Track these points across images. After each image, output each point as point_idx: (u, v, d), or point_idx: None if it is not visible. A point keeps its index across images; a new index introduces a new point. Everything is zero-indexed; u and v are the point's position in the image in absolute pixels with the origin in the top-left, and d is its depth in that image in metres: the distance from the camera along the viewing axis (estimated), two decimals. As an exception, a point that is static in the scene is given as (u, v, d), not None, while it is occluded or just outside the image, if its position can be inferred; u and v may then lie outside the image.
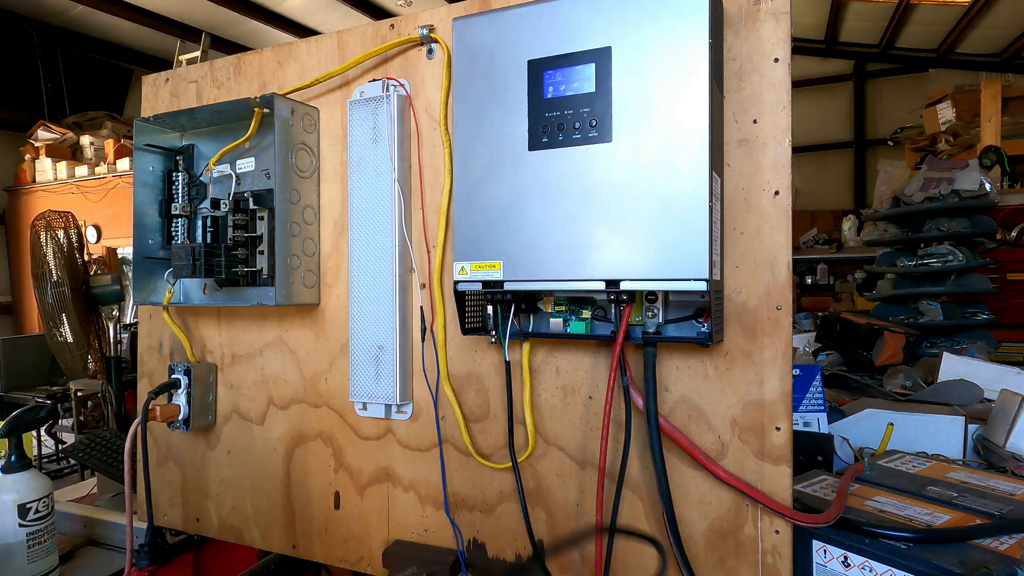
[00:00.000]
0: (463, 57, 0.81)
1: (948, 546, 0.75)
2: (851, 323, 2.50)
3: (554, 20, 0.76)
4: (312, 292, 1.03)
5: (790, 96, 0.77)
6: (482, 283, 0.78)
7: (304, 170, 1.02)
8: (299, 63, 1.08)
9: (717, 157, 0.74)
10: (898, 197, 3.06)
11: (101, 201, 6.33)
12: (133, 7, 6.55)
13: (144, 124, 1.08)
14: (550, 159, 0.75)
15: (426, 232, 0.95)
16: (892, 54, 7.77)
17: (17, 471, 1.11)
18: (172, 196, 1.10)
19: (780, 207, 0.77)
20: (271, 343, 1.10)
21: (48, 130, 6.81)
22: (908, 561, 0.73)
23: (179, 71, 1.21)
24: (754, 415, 0.78)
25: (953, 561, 0.71)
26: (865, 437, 1.32)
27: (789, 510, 0.76)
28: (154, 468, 1.21)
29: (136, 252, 1.08)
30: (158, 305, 1.09)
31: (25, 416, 1.18)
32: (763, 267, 0.77)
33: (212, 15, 6.66)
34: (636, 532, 0.84)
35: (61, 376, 3.88)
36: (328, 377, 1.05)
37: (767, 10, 0.77)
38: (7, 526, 1.08)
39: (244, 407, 1.13)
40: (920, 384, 1.98)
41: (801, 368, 1.35)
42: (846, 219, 6.34)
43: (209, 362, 1.15)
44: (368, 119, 0.96)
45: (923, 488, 0.94)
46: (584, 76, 0.74)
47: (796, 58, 8.26)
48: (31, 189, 6.97)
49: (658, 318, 0.78)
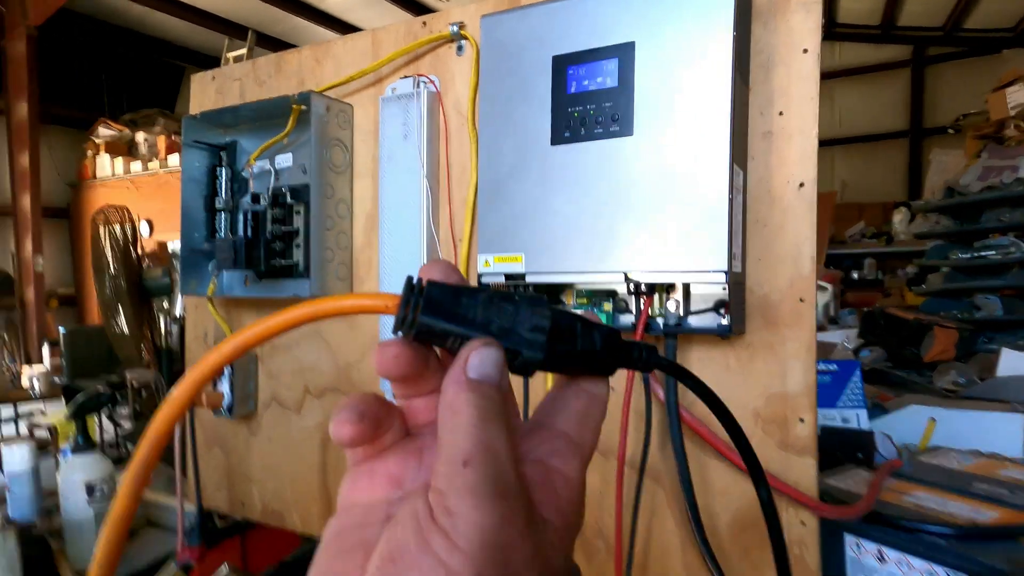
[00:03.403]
0: (490, 53, 0.83)
1: (996, 543, 0.73)
2: (897, 318, 2.44)
3: (579, 16, 0.77)
4: (345, 284, 1.07)
5: (818, 87, 0.76)
6: (504, 275, 0.80)
7: (338, 165, 1.06)
8: (335, 61, 1.11)
9: (740, 150, 0.74)
10: (952, 187, 2.95)
11: (154, 196, 6.59)
12: (186, 6, 6.78)
13: (192, 121, 1.13)
14: (572, 153, 0.77)
15: (453, 226, 0.97)
16: (958, 37, 7.42)
17: (83, 452, 1.19)
18: (216, 191, 1.15)
19: (805, 200, 0.76)
20: (307, 334, 1.14)
21: (107, 127, 7.11)
22: (949, 557, 0.71)
23: (224, 69, 1.26)
24: (777, 407, 0.78)
25: (1001, 559, 0.69)
26: (910, 434, 1.29)
27: (814, 501, 0.76)
28: (202, 453, 1.27)
29: (183, 245, 1.14)
30: (203, 296, 1.14)
31: (88, 401, 1.26)
32: (786, 260, 0.77)
33: (258, 12, 6.85)
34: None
35: (119, 365, 4.07)
36: (360, 367, 1.08)
37: (797, 1, 0.76)
38: (77, 503, 1.16)
39: (282, 395, 1.18)
40: (975, 381, 1.92)
41: (839, 363, 1.33)
42: (897, 211, 6.13)
43: (250, 352, 1.20)
44: (399, 115, 0.99)
45: (969, 485, 0.92)
46: (607, 71, 0.75)
47: (847, 45, 8.02)
48: (92, 184, 7.29)
49: (679, 310, 0.78)
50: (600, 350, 0.28)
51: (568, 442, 0.28)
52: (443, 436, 0.25)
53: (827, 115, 8.18)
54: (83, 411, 1.22)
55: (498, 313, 0.27)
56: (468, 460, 0.23)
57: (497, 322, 0.27)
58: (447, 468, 0.23)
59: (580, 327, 0.28)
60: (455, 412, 0.25)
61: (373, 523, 0.27)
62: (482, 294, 0.27)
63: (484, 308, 0.27)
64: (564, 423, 0.29)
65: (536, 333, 0.27)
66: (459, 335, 0.26)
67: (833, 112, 8.22)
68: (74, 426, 1.21)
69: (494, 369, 0.26)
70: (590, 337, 0.28)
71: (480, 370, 0.25)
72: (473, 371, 0.25)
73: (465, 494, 0.23)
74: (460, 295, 0.27)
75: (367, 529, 0.26)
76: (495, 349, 0.26)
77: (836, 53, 8.17)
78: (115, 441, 4.13)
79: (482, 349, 0.26)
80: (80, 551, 1.17)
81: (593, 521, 0.91)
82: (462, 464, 0.23)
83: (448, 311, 0.26)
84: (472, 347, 0.26)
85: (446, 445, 0.24)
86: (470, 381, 0.25)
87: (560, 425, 0.28)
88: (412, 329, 0.26)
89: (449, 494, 0.23)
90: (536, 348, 0.27)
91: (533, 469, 0.27)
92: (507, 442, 0.25)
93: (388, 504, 0.27)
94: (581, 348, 0.28)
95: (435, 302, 0.26)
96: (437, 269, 0.28)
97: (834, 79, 8.09)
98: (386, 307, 0.27)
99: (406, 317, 0.26)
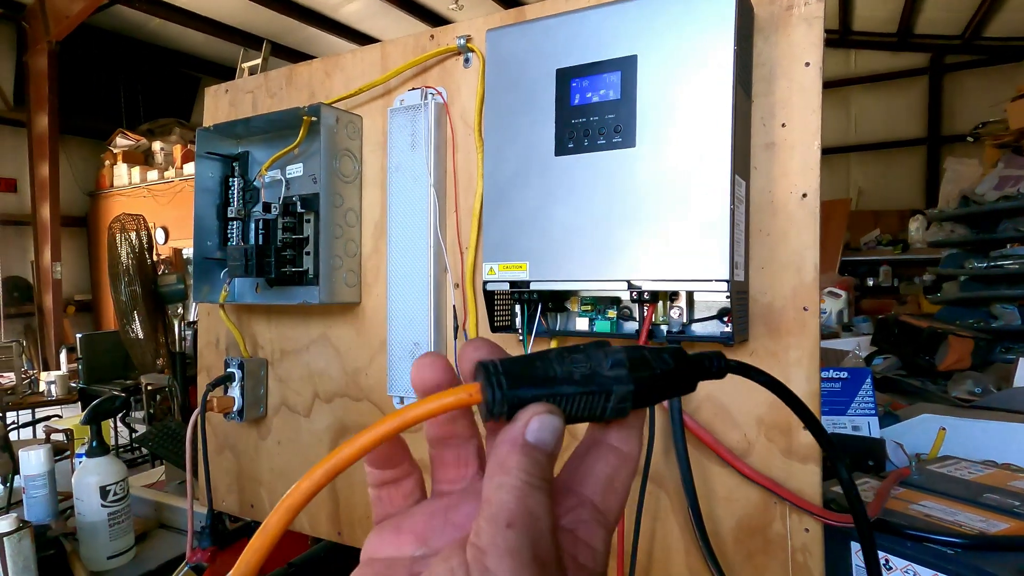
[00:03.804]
0: (495, 66, 0.84)
1: (1005, 554, 0.72)
2: (911, 326, 2.42)
3: (582, 30, 0.78)
4: (353, 291, 1.08)
5: (820, 100, 0.77)
6: (509, 283, 0.81)
7: (347, 175, 1.08)
8: (345, 73, 1.13)
9: (742, 161, 0.75)
10: (967, 196, 2.93)
11: (169, 204, 6.69)
12: (201, 18, 6.90)
13: (205, 133, 1.16)
14: (575, 164, 0.78)
15: (459, 234, 0.99)
16: (977, 45, 7.37)
17: (98, 455, 1.21)
18: (228, 200, 1.17)
19: (808, 209, 0.77)
20: (316, 339, 1.16)
21: (125, 137, 7.24)
22: (956, 567, 0.71)
23: (237, 82, 1.29)
24: (780, 414, 0.78)
25: (1010, 570, 0.68)
26: (922, 443, 1.28)
27: (818, 508, 0.76)
28: (213, 456, 1.29)
29: (196, 253, 1.16)
30: (215, 303, 1.16)
31: (103, 405, 1.29)
32: (789, 268, 0.78)
33: (272, 23, 6.94)
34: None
35: (134, 370, 4.13)
36: (368, 372, 1.10)
37: (799, 15, 0.77)
38: (92, 505, 1.18)
39: (292, 400, 1.19)
40: (991, 391, 1.90)
41: (850, 371, 1.33)
42: (913, 219, 6.09)
43: (260, 357, 1.22)
44: (407, 126, 1.01)
45: (979, 495, 0.91)
46: (610, 84, 0.76)
47: (864, 53, 7.98)
48: (109, 193, 7.43)
49: (682, 318, 0.79)
50: (674, 368, 0.28)
51: (593, 511, 0.28)
52: (489, 493, 0.24)
53: (843, 122, 8.14)
54: (98, 416, 1.24)
55: (573, 364, 0.27)
56: (512, 522, 0.23)
57: (577, 372, 0.27)
58: (490, 527, 0.23)
59: (649, 353, 0.28)
60: (505, 471, 0.24)
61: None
62: (551, 353, 0.27)
63: (559, 364, 0.27)
64: (590, 488, 0.28)
65: (617, 368, 0.27)
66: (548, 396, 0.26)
67: (849, 119, 8.18)
68: (89, 430, 1.23)
69: (552, 437, 0.26)
70: (661, 359, 0.28)
71: (538, 435, 0.25)
72: (531, 435, 0.25)
73: (505, 555, 0.22)
74: (532, 361, 0.27)
75: None
76: (556, 417, 0.26)
77: (852, 61, 8.14)
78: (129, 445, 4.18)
79: (544, 416, 0.26)
80: (93, 552, 1.19)
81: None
82: (506, 525, 0.23)
83: (530, 378, 0.26)
84: (534, 411, 0.26)
85: (492, 503, 0.24)
86: (526, 444, 0.25)
87: (586, 491, 0.28)
88: (505, 406, 0.26)
89: (490, 553, 0.23)
90: (624, 381, 0.27)
91: (563, 537, 0.27)
92: (549, 511, 0.24)
93: (412, 561, 0.28)
94: (660, 370, 0.28)
95: (515, 376, 0.26)
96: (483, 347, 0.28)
97: (850, 86, 8.05)
98: (471, 396, 0.26)
99: (495, 398, 0.26)
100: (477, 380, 0.27)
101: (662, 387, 0.28)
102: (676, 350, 0.29)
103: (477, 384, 0.26)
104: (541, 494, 0.24)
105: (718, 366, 0.30)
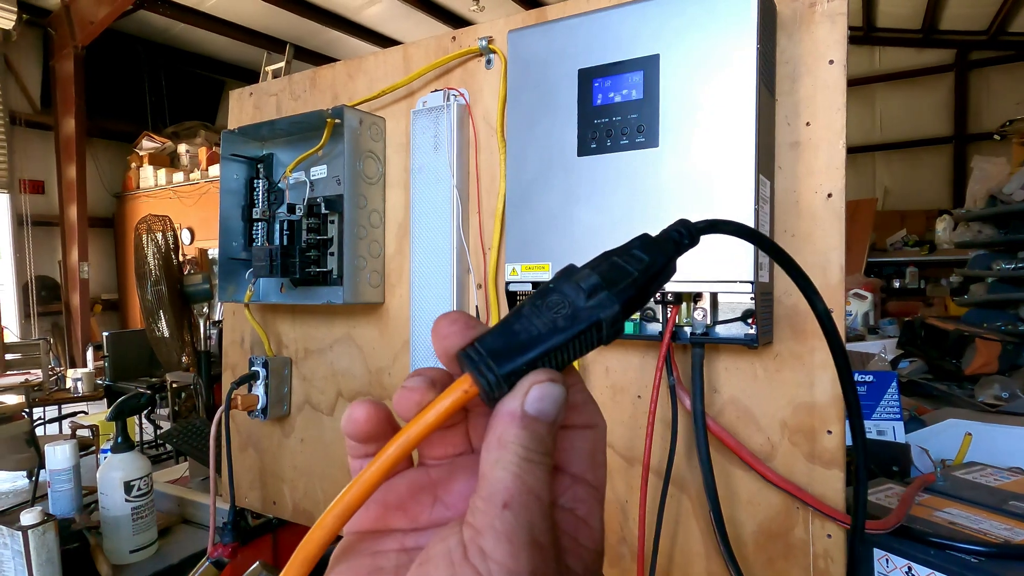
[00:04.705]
0: (517, 67, 0.85)
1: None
2: (937, 329, 2.38)
3: (603, 30, 0.78)
4: (377, 291, 1.09)
5: (845, 98, 0.76)
6: (532, 284, 0.82)
7: (371, 176, 1.08)
8: (368, 75, 1.14)
9: (766, 160, 0.74)
10: (995, 196, 2.87)
11: (195, 205, 6.80)
12: (226, 22, 6.99)
13: (230, 135, 1.18)
14: (598, 164, 0.78)
15: (482, 235, 0.99)
16: (1003, 40, 7.22)
17: (122, 451, 1.23)
18: (253, 201, 1.19)
19: (833, 209, 0.76)
20: (340, 339, 1.17)
21: (151, 140, 7.36)
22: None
23: (261, 85, 1.31)
24: (804, 418, 0.78)
25: None
26: (948, 448, 1.26)
27: (841, 513, 0.75)
28: (236, 453, 1.31)
29: (221, 254, 1.18)
30: (240, 303, 1.18)
31: (128, 403, 1.31)
32: (814, 269, 0.77)
33: (295, 27, 7.01)
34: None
35: (159, 368, 4.19)
36: (391, 372, 1.11)
37: (823, 12, 0.77)
38: (116, 500, 1.21)
39: (315, 399, 1.21)
40: (1018, 395, 1.86)
41: (875, 375, 1.31)
42: (940, 219, 5.97)
43: (285, 356, 1.23)
44: (430, 127, 1.01)
45: (1004, 502, 0.89)
46: (632, 83, 0.76)
47: (888, 49, 7.86)
48: (136, 195, 7.56)
49: (706, 319, 0.78)
50: (650, 260, 0.27)
51: (588, 488, 0.27)
52: (486, 469, 0.23)
53: (868, 120, 8.02)
54: (123, 412, 1.26)
55: (552, 310, 0.25)
56: (508, 502, 0.22)
57: (559, 315, 0.25)
58: (486, 507, 0.23)
59: (619, 258, 0.27)
60: (502, 446, 0.23)
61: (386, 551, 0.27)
62: (524, 308, 0.26)
63: (537, 317, 0.25)
64: (578, 466, 0.27)
65: (597, 293, 0.25)
66: (542, 355, 0.25)
67: (874, 117, 8.06)
68: (114, 426, 1.25)
69: (553, 407, 0.24)
70: (633, 257, 0.27)
71: (538, 405, 0.24)
72: (531, 406, 0.24)
73: (502, 538, 0.22)
74: (510, 326, 0.25)
75: (379, 557, 0.27)
76: (559, 385, 0.24)
77: (876, 57, 8.02)
78: (154, 441, 4.25)
79: (547, 384, 0.24)
80: (116, 545, 1.21)
81: (617, 527, 0.91)
82: (502, 505, 0.22)
83: (516, 346, 0.25)
84: (535, 379, 0.24)
85: (489, 480, 0.23)
86: (525, 416, 0.24)
87: (575, 469, 0.27)
88: (504, 386, 0.24)
89: (486, 535, 0.22)
90: (608, 304, 0.25)
91: (562, 516, 0.26)
92: (548, 488, 0.24)
93: (403, 535, 0.27)
94: (637, 271, 0.26)
95: (500, 351, 0.25)
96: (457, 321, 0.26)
97: (875, 84, 7.93)
98: (466, 392, 0.25)
99: (491, 382, 0.24)
100: (464, 371, 0.25)
101: (646, 286, 0.27)
102: (642, 240, 0.28)
103: (468, 375, 0.25)
104: (540, 470, 0.23)
105: (689, 234, 0.29)
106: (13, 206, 6.84)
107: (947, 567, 0.72)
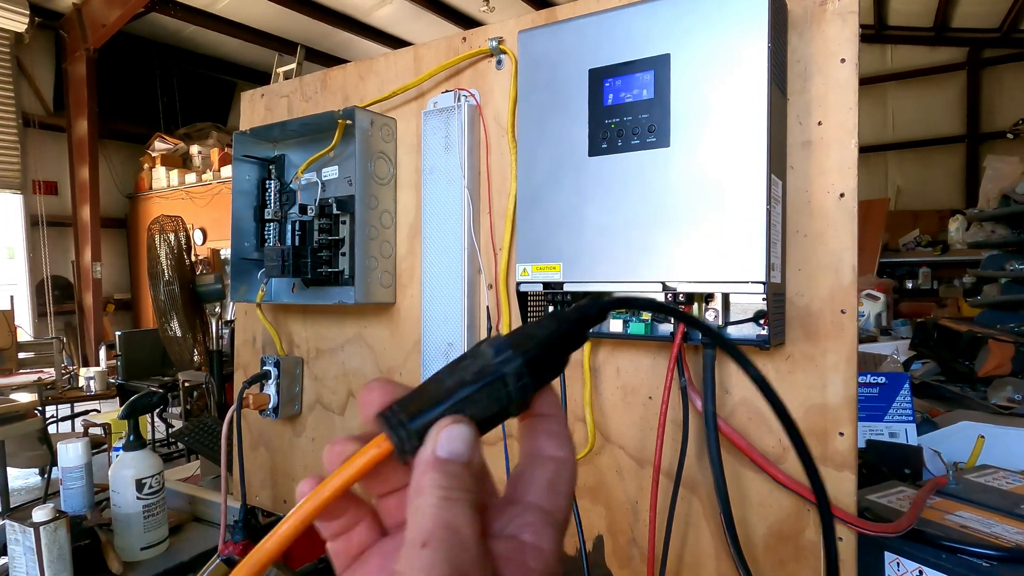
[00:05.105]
0: (527, 67, 0.85)
1: None
2: (950, 330, 2.36)
3: (614, 30, 0.78)
4: (388, 292, 1.10)
5: (856, 96, 0.75)
6: (543, 284, 0.82)
7: (382, 177, 1.09)
8: (378, 76, 1.15)
9: (778, 160, 0.74)
10: (1008, 195, 2.85)
11: (207, 206, 6.85)
12: (237, 24, 7.04)
13: (242, 136, 1.18)
14: (609, 164, 0.78)
15: (493, 235, 0.99)
16: (1015, 38, 7.15)
17: (134, 449, 1.25)
18: (265, 202, 1.20)
19: (845, 209, 0.76)
20: (351, 339, 1.17)
21: (163, 141, 7.42)
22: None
23: (273, 87, 1.32)
24: (816, 420, 0.77)
25: None
26: (960, 451, 1.25)
27: (852, 517, 0.75)
28: (247, 452, 1.32)
29: (233, 254, 1.19)
30: (252, 303, 1.19)
31: (140, 401, 1.32)
32: (827, 270, 0.76)
33: (307, 29, 7.05)
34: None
35: (172, 367, 4.23)
36: (402, 372, 1.11)
37: (833, 10, 0.76)
38: (127, 498, 1.22)
39: (327, 398, 1.21)
40: (1032, 397, 1.84)
41: (888, 376, 1.30)
42: (953, 219, 5.92)
43: (296, 356, 1.24)
44: (441, 128, 1.01)
45: (1016, 505, 0.89)
46: (643, 83, 0.76)
47: (900, 48, 7.80)
48: (148, 196, 7.62)
49: (718, 320, 0.78)
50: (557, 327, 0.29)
51: (540, 514, 0.28)
52: (408, 517, 0.25)
53: (880, 119, 7.96)
54: (136, 411, 1.27)
55: (462, 370, 0.27)
56: (427, 541, 0.23)
57: (468, 372, 0.27)
58: (407, 550, 0.24)
59: (530, 327, 0.29)
60: (419, 492, 0.25)
61: None
62: (440, 371, 0.28)
63: (449, 377, 0.28)
64: (534, 495, 0.28)
65: (502, 352, 0.27)
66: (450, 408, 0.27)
67: (886, 116, 8.00)
68: (127, 424, 1.26)
69: (463, 446, 0.26)
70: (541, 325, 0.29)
71: (448, 447, 0.25)
72: (442, 449, 0.25)
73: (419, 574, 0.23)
74: (425, 386, 0.28)
75: None
76: (465, 426, 0.26)
77: (888, 56, 7.96)
78: (166, 440, 4.28)
79: (452, 427, 0.26)
80: (128, 542, 1.22)
81: (628, 528, 0.91)
82: (420, 545, 0.23)
83: (427, 402, 0.27)
84: (441, 425, 0.26)
85: (409, 526, 0.24)
86: (437, 460, 0.25)
87: (530, 498, 0.28)
88: (415, 439, 0.26)
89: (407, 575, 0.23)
90: (511, 360, 0.27)
91: (505, 545, 0.27)
92: (471, 520, 0.24)
93: None
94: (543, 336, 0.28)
95: (412, 408, 0.27)
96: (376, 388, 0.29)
97: (887, 82, 7.87)
98: (380, 449, 0.27)
99: (401, 437, 0.26)
100: (381, 431, 0.27)
101: (554, 350, 0.29)
102: (555, 313, 0.30)
103: (382, 434, 0.27)
104: (460, 505, 0.24)
105: (598, 308, 0.30)
106: (27, 207, 6.92)
107: (958, 571, 0.72)
